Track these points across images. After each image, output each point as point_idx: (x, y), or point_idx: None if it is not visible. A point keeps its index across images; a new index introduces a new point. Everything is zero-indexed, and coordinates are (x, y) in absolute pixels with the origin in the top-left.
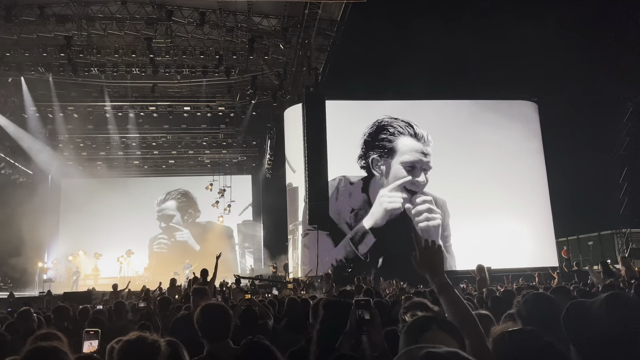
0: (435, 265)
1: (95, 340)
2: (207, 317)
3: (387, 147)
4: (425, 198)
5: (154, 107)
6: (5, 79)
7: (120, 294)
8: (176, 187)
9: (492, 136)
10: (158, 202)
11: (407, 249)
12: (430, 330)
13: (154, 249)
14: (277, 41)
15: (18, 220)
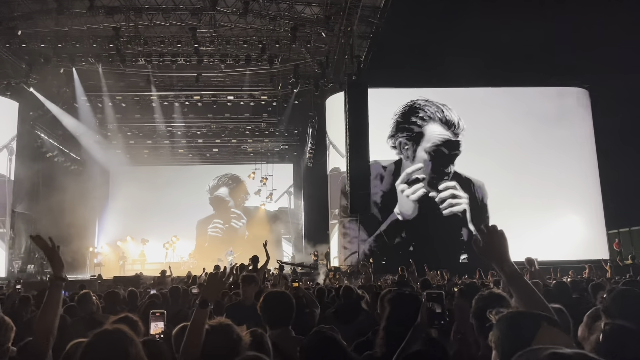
0: (501, 251)
1: (161, 322)
2: (271, 303)
3: (415, 131)
4: (448, 184)
5: (198, 96)
6: (57, 70)
7: (166, 279)
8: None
9: (540, 124)
10: (210, 189)
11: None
12: (542, 327)
13: (209, 232)
14: (319, 29)
15: (69, 206)
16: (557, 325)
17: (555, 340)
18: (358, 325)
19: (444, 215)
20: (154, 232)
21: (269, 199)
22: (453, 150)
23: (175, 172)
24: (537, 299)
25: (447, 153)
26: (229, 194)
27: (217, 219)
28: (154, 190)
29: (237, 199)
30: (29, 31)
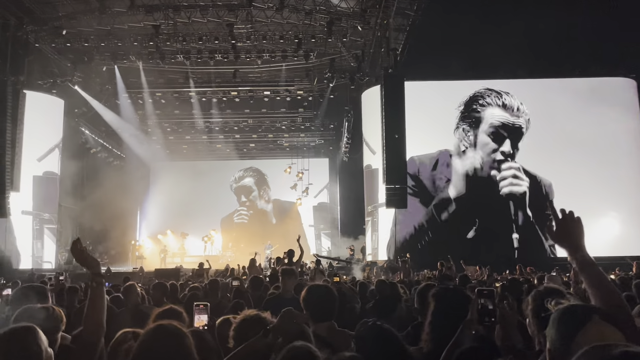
0: (576, 238)
1: (205, 315)
2: (314, 297)
3: (474, 117)
4: (512, 164)
5: (235, 92)
6: (100, 68)
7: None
8: (257, 167)
9: (583, 116)
10: (235, 179)
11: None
12: (591, 322)
13: (235, 220)
14: (355, 23)
15: (112, 200)
16: (611, 320)
17: (605, 336)
18: (396, 319)
19: (500, 194)
20: (193, 225)
21: (305, 193)
22: (513, 133)
23: (213, 166)
24: (611, 289)
25: (506, 135)
26: (254, 183)
27: (242, 207)
28: (193, 185)
29: (261, 190)
30: (73, 31)
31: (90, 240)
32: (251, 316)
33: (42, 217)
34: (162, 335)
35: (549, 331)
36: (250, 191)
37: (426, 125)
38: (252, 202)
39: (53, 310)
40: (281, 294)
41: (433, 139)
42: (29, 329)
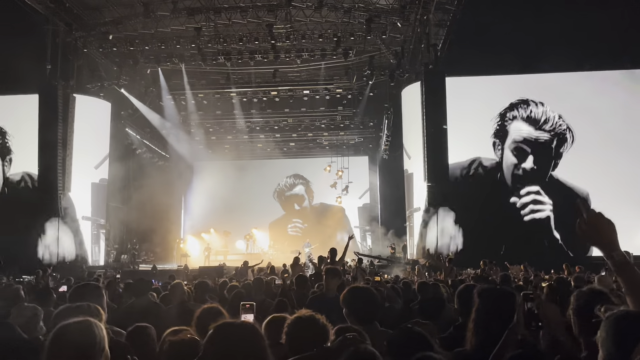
0: (610, 237)
1: (251, 314)
2: (356, 298)
3: (502, 131)
4: (530, 189)
5: (275, 91)
6: (144, 71)
7: (248, 270)
8: (296, 169)
9: (628, 110)
10: (287, 187)
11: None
12: None
13: (289, 232)
14: (394, 19)
15: (157, 199)
16: None
17: None
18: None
19: (524, 221)
20: (235, 224)
21: (345, 191)
22: (536, 148)
23: (254, 165)
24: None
25: (529, 151)
26: (305, 191)
27: (297, 218)
28: (234, 184)
29: (310, 197)
30: (119, 35)
31: (137, 238)
32: (305, 316)
33: (98, 222)
34: (234, 333)
35: (603, 340)
36: (302, 199)
37: (466, 124)
38: (303, 209)
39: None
40: (324, 293)
41: (472, 139)
42: (92, 321)
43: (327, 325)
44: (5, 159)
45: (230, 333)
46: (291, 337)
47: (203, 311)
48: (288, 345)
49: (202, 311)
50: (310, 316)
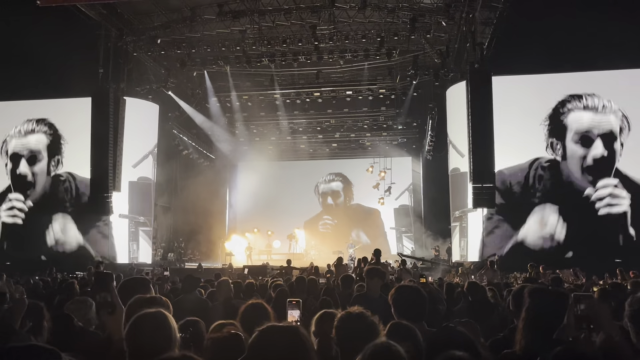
0: None
1: (297, 310)
2: (404, 297)
3: (560, 127)
4: (608, 181)
5: (318, 92)
6: (191, 74)
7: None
8: (338, 170)
9: None
10: (325, 181)
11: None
12: None
13: (320, 229)
14: (439, 18)
15: (202, 199)
16: None
17: None
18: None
19: (599, 215)
20: (278, 223)
21: (388, 192)
22: (602, 132)
23: (297, 166)
24: None
25: (594, 137)
26: (342, 189)
27: (327, 215)
28: (278, 184)
29: (347, 196)
30: (167, 39)
31: (183, 237)
32: (356, 311)
33: (137, 220)
34: (280, 337)
35: None
36: (338, 196)
37: (515, 125)
38: (337, 206)
39: (160, 299)
40: (367, 293)
41: (523, 141)
42: (164, 313)
43: (377, 321)
44: (54, 158)
45: (275, 337)
46: (341, 331)
47: (247, 307)
48: (337, 340)
49: (246, 307)
50: (361, 312)
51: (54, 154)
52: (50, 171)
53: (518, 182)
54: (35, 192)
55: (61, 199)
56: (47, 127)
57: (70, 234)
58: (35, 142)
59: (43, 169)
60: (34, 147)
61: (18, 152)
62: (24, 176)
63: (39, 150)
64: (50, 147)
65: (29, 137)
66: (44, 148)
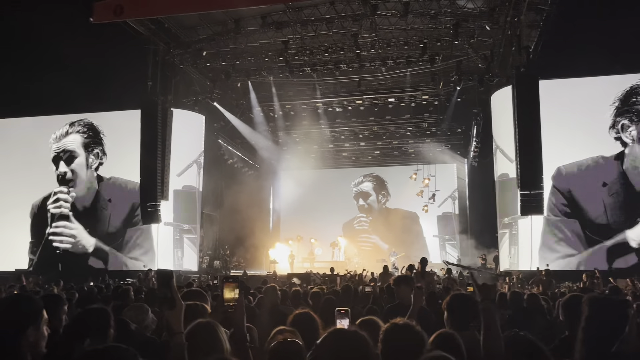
0: None
1: (347, 319)
2: (457, 306)
3: (636, 109)
4: None
5: (360, 100)
6: (235, 85)
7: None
8: (376, 174)
9: None
10: (355, 184)
11: None
12: None
13: (356, 227)
14: (483, 23)
15: (247, 207)
16: None
17: None
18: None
19: None
20: (320, 231)
21: (432, 200)
22: None
23: (340, 174)
24: None
25: None
26: (372, 188)
27: (362, 213)
28: (321, 192)
29: (379, 195)
30: (212, 51)
31: (228, 245)
32: (402, 323)
33: (182, 228)
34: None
35: None
36: (368, 195)
37: (567, 129)
38: (370, 206)
39: (202, 307)
40: (400, 302)
41: (577, 143)
42: (214, 323)
43: (422, 332)
44: (92, 152)
45: (343, 339)
46: (388, 343)
47: (296, 316)
48: (383, 352)
49: (295, 316)
50: (406, 323)
51: (92, 149)
52: (90, 164)
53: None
54: (78, 190)
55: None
56: (82, 126)
57: None
58: (70, 141)
59: (82, 165)
60: (69, 147)
61: (57, 154)
62: (64, 176)
63: (73, 149)
64: (87, 144)
65: (64, 139)
66: (79, 145)
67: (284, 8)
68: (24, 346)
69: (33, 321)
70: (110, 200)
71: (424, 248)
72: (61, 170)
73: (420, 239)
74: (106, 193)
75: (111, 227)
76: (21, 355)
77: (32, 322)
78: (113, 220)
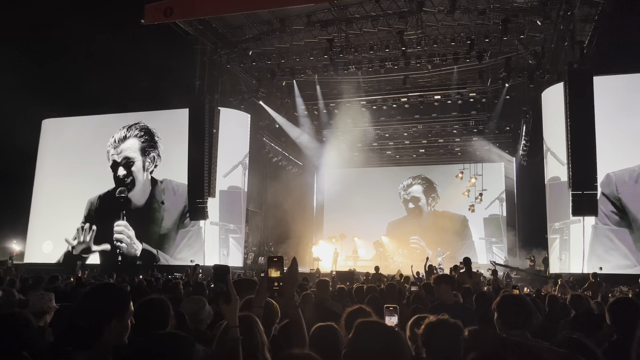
0: None
1: (395, 316)
2: (507, 306)
3: None
4: None
5: (405, 98)
6: (280, 84)
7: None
8: (425, 175)
9: None
10: (404, 187)
11: None
12: None
13: (411, 245)
14: (534, 18)
15: (291, 205)
16: None
17: None
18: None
19: None
20: (364, 229)
21: (479, 199)
22: None
23: (384, 173)
24: None
25: None
26: (422, 191)
27: (409, 217)
28: (365, 191)
29: (428, 198)
30: (258, 51)
31: (272, 241)
32: (439, 320)
33: (227, 228)
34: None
35: None
36: (418, 200)
37: (620, 129)
38: (420, 210)
39: (271, 304)
40: (442, 301)
41: (630, 145)
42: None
43: (461, 327)
44: (148, 156)
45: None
46: (428, 340)
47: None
48: (425, 349)
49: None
50: (445, 320)
51: (148, 153)
52: (146, 168)
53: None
54: (135, 192)
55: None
56: (139, 130)
57: None
58: (129, 146)
59: (139, 169)
60: (128, 153)
61: (116, 160)
62: (122, 179)
63: (132, 155)
64: (144, 149)
65: (123, 144)
66: (137, 150)
67: (329, 6)
68: (105, 338)
69: (119, 313)
70: (163, 203)
71: (471, 249)
72: (120, 174)
73: (467, 240)
74: (159, 195)
75: (163, 229)
76: (101, 347)
77: (117, 314)
78: (165, 222)
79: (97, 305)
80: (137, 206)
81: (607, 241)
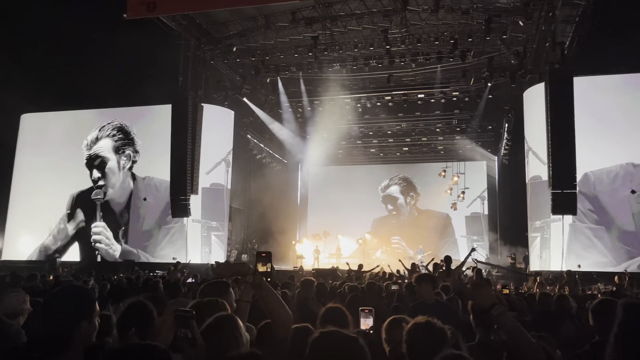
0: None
1: (370, 318)
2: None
3: None
4: None
5: (389, 96)
6: (264, 80)
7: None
8: (409, 174)
9: None
10: (382, 188)
11: None
12: None
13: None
14: (516, 18)
15: (274, 202)
16: None
17: None
18: (567, 334)
19: None
20: (348, 227)
21: (461, 197)
22: None
23: (367, 170)
24: None
25: None
26: (400, 192)
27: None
28: (348, 188)
29: (407, 197)
30: (242, 47)
31: (256, 239)
32: (423, 322)
33: (209, 225)
34: (333, 341)
35: None
36: (395, 199)
37: (598, 130)
38: (398, 210)
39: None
40: (423, 300)
41: (608, 145)
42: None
43: (445, 329)
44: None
45: (334, 342)
46: (411, 342)
47: (327, 310)
48: (408, 351)
49: (326, 310)
50: (428, 321)
51: (123, 151)
52: (122, 166)
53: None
54: (113, 191)
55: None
56: (111, 129)
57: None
58: (101, 147)
59: (113, 168)
60: (101, 153)
61: (89, 162)
62: (96, 181)
63: (104, 155)
64: (118, 147)
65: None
66: (110, 150)
67: (314, 4)
68: (77, 339)
69: (87, 314)
70: (146, 199)
71: (454, 247)
72: (94, 176)
73: (450, 238)
74: (141, 192)
75: (145, 225)
76: (74, 348)
77: (86, 315)
78: (148, 218)
79: (65, 309)
80: (118, 203)
81: (585, 239)
